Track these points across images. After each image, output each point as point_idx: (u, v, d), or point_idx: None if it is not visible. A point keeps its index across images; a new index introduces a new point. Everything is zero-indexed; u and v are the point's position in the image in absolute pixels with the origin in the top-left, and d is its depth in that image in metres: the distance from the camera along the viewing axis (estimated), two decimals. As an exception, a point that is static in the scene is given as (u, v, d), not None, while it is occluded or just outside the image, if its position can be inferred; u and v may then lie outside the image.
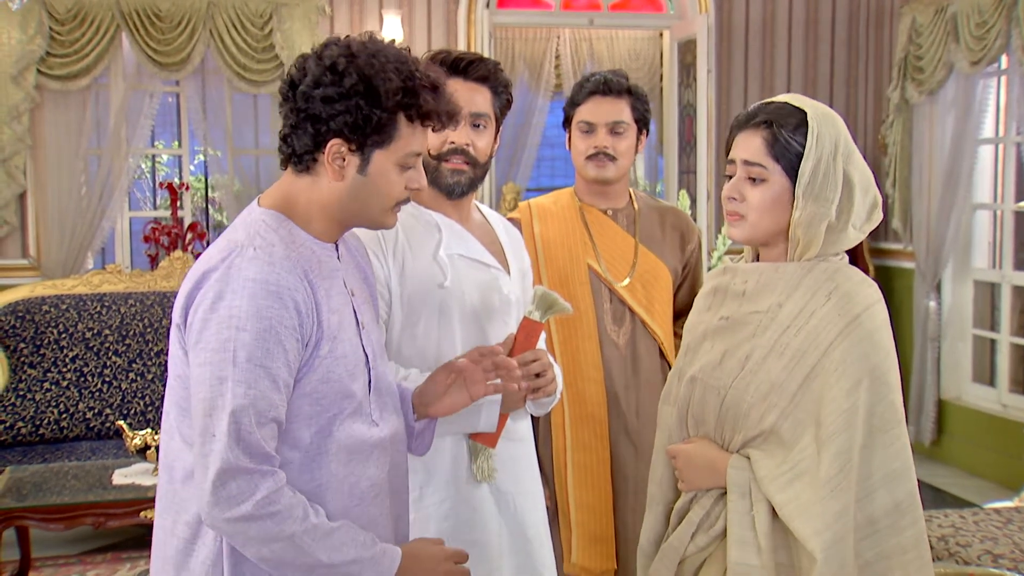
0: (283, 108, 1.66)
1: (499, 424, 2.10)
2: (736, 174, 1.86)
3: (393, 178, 1.66)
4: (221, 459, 1.51)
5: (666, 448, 1.96)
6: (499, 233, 2.30)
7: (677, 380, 1.97)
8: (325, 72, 1.60)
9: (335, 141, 1.61)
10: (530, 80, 7.77)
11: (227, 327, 1.53)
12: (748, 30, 6.50)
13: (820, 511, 1.70)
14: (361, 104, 1.59)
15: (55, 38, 5.41)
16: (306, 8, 5.69)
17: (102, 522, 3.71)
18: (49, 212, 5.55)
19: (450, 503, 2.10)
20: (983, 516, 3.53)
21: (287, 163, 1.69)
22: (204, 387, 1.54)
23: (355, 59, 1.61)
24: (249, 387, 1.52)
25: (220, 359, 1.53)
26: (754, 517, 1.77)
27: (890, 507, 1.76)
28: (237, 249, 1.60)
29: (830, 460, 1.72)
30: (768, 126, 1.83)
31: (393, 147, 1.64)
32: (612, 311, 2.69)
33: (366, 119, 1.60)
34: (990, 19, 5.15)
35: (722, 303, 1.94)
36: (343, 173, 1.64)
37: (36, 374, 4.90)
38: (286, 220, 1.66)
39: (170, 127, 8.55)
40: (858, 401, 1.74)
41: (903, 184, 6.02)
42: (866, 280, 1.86)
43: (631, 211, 2.77)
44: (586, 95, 2.67)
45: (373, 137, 1.62)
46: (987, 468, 5.49)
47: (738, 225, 1.87)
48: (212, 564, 1.60)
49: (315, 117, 1.61)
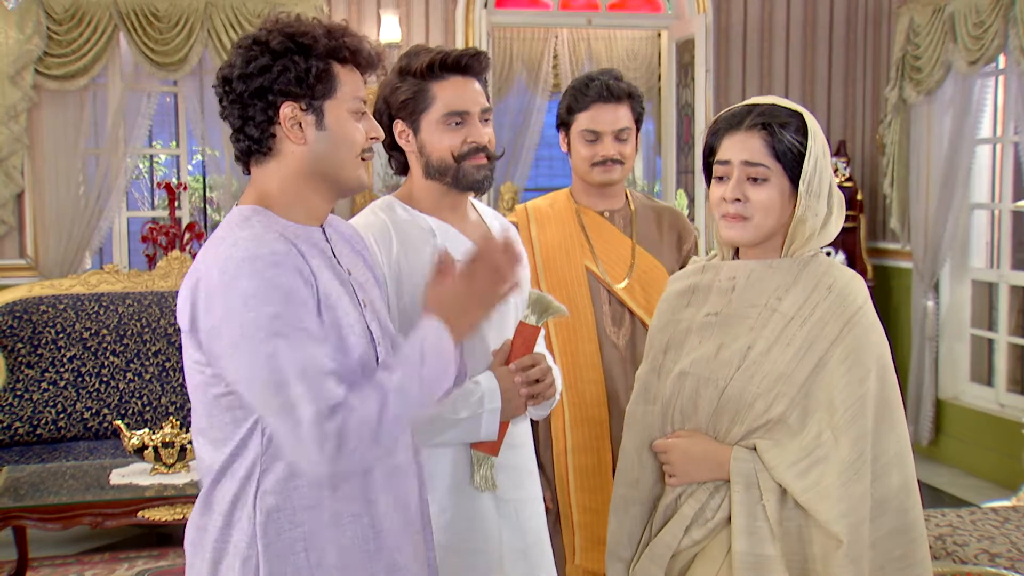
0: (224, 107, 1.69)
1: (500, 432, 2.08)
2: (733, 175, 1.88)
3: (350, 125, 1.70)
4: (308, 420, 1.52)
5: (653, 444, 1.96)
6: (495, 233, 2.28)
7: (657, 377, 1.98)
8: (251, 47, 1.66)
9: (286, 105, 1.65)
10: (528, 80, 7.77)
11: (248, 310, 1.54)
12: (746, 30, 6.50)
13: (844, 494, 1.77)
14: (296, 59, 1.64)
15: (52, 38, 5.41)
16: (304, 8, 5.68)
17: (99, 522, 3.71)
18: (47, 212, 5.55)
19: (451, 513, 2.08)
20: (980, 515, 3.53)
21: (248, 160, 1.72)
22: (258, 372, 1.54)
23: (274, 28, 1.67)
24: (297, 351, 1.53)
25: (258, 340, 1.53)
26: (764, 506, 1.80)
27: (899, 487, 1.85)
28: (223, 244, 1.61)
29: (850, 446, 1.79)
30: (766, 128, 1.86)
31: (339, 95, 1.68)
32: (611, 312, 2.69)
33: (306, 71, 1.65)
34: (987, 19, 5.15)
35: (705, 300, 1.97)
36: (304, 135, 1.67)
37: (34, 374, 4.90)
38: (264, 210, 1.68)
39: (168, 127, 8.54)
40: (869, 390, 1.83)
41: (901, 184, 6.02)
42: (856, 276, 1.95)
43: (627, 212, 2.77)
44: (588, 102, 2.63)
45: (318, 88, 1.66)
46: (985, 468, 5.49)
47: (739, 227, 1.89)
48: (247, 546, 1.62)
49: (259, 90, 1.65)
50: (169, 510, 3.72)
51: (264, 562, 1.61)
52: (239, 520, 1.63)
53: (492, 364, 2.10)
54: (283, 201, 1.70)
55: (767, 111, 1.88)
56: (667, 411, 1.95)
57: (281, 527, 1.62)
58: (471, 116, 2.11)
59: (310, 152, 1.68)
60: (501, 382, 2.07)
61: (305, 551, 1.63)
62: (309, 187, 1.70)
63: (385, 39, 5.88)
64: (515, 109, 7.76)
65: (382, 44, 1.80)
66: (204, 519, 1.68)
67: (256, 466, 1.62)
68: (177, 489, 3.76)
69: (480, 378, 2.07)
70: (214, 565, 1.65)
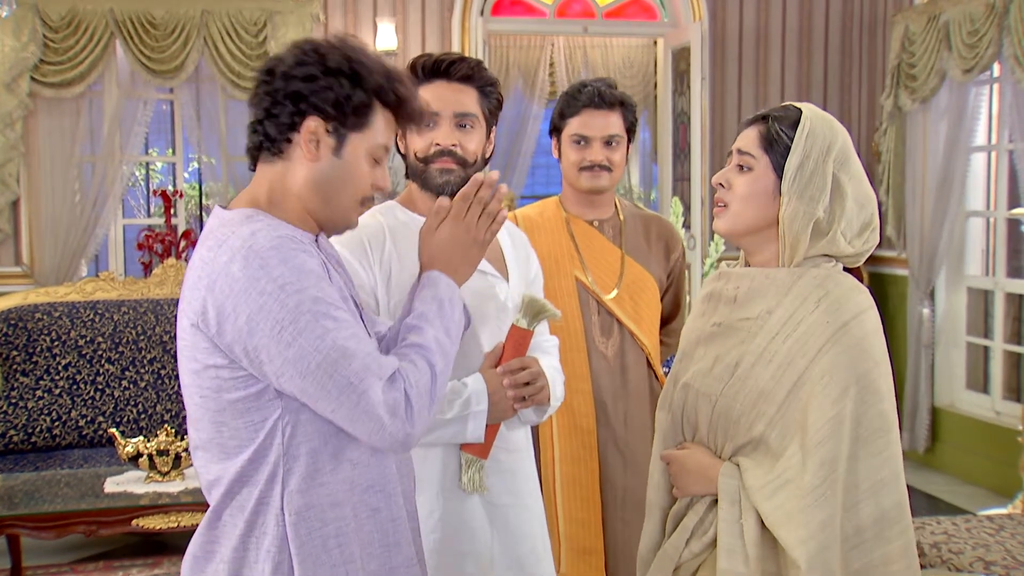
0: (257, 95, 1.66)
1: (489, 435, 2.07)
2: (729, 164, 1.90)
3: (364, 168, 1.68)
4: (375, 391, 1.54)
5: (661, 454, 1.95)
6: (502, 239, 2.26)
7: (672, 386, 1.96)
8: (308, 53, 1.64)
9: (313, 119, 1.63)
10: (524, 88, 7.78)
11: (288, 296, 1.53)
12: (742, 38, 6.52)
13: (805, 520, 1.69)
14: (344, 82, 1.62)
15: (49, 45, 5.41)
16: (300, 15, 5.69)
17: (93, 530, 3.70)
18: (42, 219, 5.55)
19: (439, 514, 2.07)
20: (976, 523, 3.53)
21: (256, 157, 1.69)
22: (311, 355, 1.53)
23: (338, 45, 1.66)
24: (346, 328, 1.55)
25: (304, 324, 1.52)
26: (743, 525, 1.76)
27: (877, 517, 1.74)
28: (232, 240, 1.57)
29: (815, 469, 1.70)
30: (765, 120, 1.86)
31: (367, 133, 1.66)
32: (600, 323, 2.69)
33: (347, 98, 1.63)
34: (982, 28, 5.17)
35: (715, 309, 1.93)
36: (318, 154, 1.65)
37: (28, 382, 4.89)
38: (260, 212, 1.65)
39: (164, 134, 8.55)
40: (844, 409, 1.72)
41: (896, 191, 6.03)
42: (857, 287, 1.84)
43: (616, 221, 2.77)
44: (579, 107, 2.66)
45: (351, 119, 1.64)
46: (981, 475, 5.49)
47: (721, 216, 1.89)
48: (278, 549, 1.60)
49: (295, 95, 1.62)
50: (164, 518, 3.71)
51: (298, 563, 1.59)
52: (264, 525, 1.60)
53: (482, 366, 2.09)
54: (281, 206, 1.67)
55: (777, 107, 1.89)
56: (677, 421, 1.94)
57: (312, 526, 1.61)
58: (441, 119, 2.10)
59: (317, 171, 1.65)
60: (489, 384, 2.06)
61: (339, 547, 1.62)
62: (306, 203, 1.68)
63: (381, 47, 5.89)
64: (511, 117, 7.76)
65: (428, 104, 1.83)
66: (214, 532, 1.64)
67: (279, 467, 1.60)
68: (172, 497, 3.74)
69: (468, 380, 2.06)
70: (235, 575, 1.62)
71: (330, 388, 1.54)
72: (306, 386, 1.55)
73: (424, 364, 1.61)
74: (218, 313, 1.55)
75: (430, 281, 1.72)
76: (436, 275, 1.73)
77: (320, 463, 1.61)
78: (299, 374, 1.54)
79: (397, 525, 1.70)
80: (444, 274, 1.73)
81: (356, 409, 1.55)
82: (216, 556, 1.64)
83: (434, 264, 1.76)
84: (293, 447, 1.60)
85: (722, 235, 1.92)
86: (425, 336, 1.64)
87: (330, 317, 1.54)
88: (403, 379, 1.57)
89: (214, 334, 1.56)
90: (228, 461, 1.61)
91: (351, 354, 1.54)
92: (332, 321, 1.54)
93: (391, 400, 1.55)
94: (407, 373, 1.59)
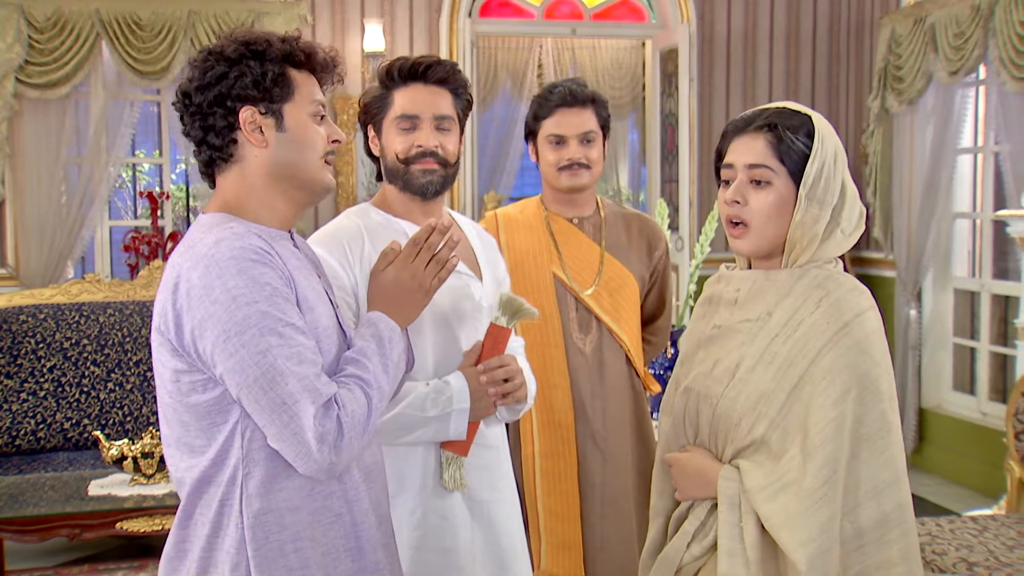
0: (186, 122, 1.70)
1: (469, 433, 2.10)
2: (737, 179, 1.82)
3: (312, 128, 1.71)
4: (306, 415, 1.54)
5: (663, 458, 1.95)
6: (472, 240, 2.30)
7: (673, 390, 1.96)
8: (206, 59, 1.68)
9: (245, 109, 1.66)
10: (512, 89, 7.79)
11: (237, 307, 1.54)
12: (730, 39, 6.53)
13: (805, 523, 1.68)
14: (252, 64, 1.66)
15: (34, 46, 5.39)
16: (287, 17, 5.68)
17: (77, 534, 3.68)
18: (28, 221, 5.52)
19: (421, 512, 2.09)
20: (959, 524, 3.54)
21: (211, 171, 1.73)
22: (250, 370, 1.54)
23: (228, 38, 1.70)
24: (290, 347, 1.55)
25: (249, 337, 1.54)
26: (743, 529, 1.75)
27: (878, 519, 1.73)
28: (199, 247, 1.60)
29: (816, 471, 1.69)
30: (772, 129, 1.80)
31: (297, 98, 1.70)
32: (578, 319, 2.70)
33: (262, 75, 1.66)
34: (967, 30, 5.19)
35: (715, 311, 1.92)
36: (265, 138, 1.68)
37: (13, 384, 4.86)
38: (231, 216, 1.69)
39: (151, 136, 8.52)
40: (846, 411, 1.71)
41: (884, 193, 6.05)
42: (858, 287, 1.82)
43: (597, 219, 2.79)
44: (552, 108, 2.69)
45: (275, 91, 1.67)
46: (968, 476, 5.51)
47: (743, 237, 1.82)
48: (236, 551, 1.61)
49: (217, 98, 1.66)
50: (148, 521, 3.69)
51: (255, 566, 1.60)
52: (227, 527, 1.62)
53: (462, 364, 2.13)
54: (249, 206, 1.70)
55: (775, 113, 1.82)
56: (678, 424, 1.92)
57: (269, 530, 1.61)
58: (421, 120, 2.14)
59: (272, 155, 1.69)
60: (470, 382, 2.08)
61: (295, 552, 1.63)
62: (274, 191, 1.70)
63: (369, 48, 5.89)
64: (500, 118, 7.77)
65: (335, 51, 1.85)
66: (185, 531, 1.66)
67: (239, 470, 1.61)
68: (156, 500, 3.73)
69: (450, 378, 2.09)
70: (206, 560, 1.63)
71: (264, 404, 1.55)
72: (242, 397, 1.57)
73: (362, 395, 1.61)
74: (176, 317, 1.59)
75: (371, 320, 1.73)
76: (377, 315, 1.74)
77: (278, 468, 1.62)
78: (236, 385, 1.56)
79: (360, 531, 1.70)
80: (385, 315, 1.74)
81: (286, 430, 1.55)
82: (188, 556, 1.66)
83: (377, 305, 1.77)
84: (253, 451, 1.61)
85: (744, 255, 1.88)
86: (364, 370, 1.65)
87: (276, 333, 1.55)
88: (339, 406, 1.57)
89: (172, 337, 1.60)
90: (194, 459, 1.63)
91: (288, 374, 1.54)
92: (277, 337, 1.55)
93: (321, 428, 1.55)
94: (344, 401, 1.59)
